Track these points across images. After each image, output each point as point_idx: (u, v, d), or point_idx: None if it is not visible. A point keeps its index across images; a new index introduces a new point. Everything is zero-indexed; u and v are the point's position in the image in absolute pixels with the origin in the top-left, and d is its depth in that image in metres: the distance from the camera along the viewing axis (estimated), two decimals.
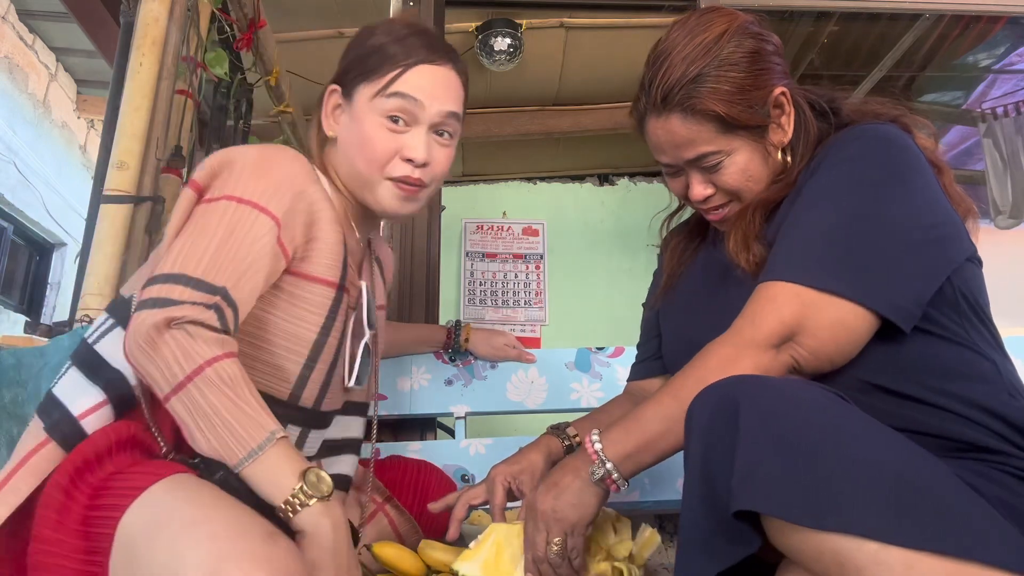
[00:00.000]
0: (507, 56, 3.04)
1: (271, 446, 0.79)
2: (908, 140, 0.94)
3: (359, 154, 1.04)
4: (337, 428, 1.11)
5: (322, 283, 0.98)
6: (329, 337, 0.99)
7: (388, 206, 1.06)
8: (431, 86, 1.04)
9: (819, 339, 0.85)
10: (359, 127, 1.03)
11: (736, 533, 0.69)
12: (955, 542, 0.61)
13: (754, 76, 0.97)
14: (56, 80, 5.24)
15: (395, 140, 1.03)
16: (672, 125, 0.98)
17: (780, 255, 0.91)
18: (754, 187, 1.01)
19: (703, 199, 1.02)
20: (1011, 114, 3.51)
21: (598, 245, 4.25)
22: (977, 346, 0.88)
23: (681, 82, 0.96)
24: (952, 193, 0.96)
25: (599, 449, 0.89)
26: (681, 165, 1.02)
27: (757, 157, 1.00)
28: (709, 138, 0.98)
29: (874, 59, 3.26)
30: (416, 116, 1.03)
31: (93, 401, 0.88)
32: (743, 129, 0.98)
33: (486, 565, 0.96)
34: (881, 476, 0.65)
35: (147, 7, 1.58)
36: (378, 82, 1.03)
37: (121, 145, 1.49)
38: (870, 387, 0.86)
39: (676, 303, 1.16)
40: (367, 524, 1.20)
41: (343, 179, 1.08)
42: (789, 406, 0.70)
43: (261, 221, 0.91)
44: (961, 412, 0.83)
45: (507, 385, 1.62)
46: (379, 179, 1.04)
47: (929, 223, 0.89)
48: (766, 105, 0.98)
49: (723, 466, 0.70)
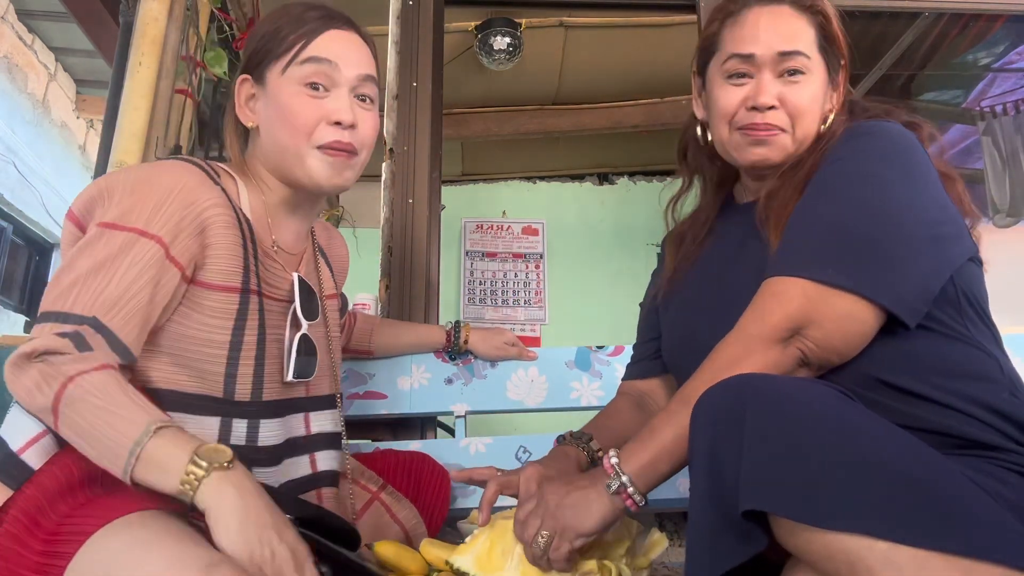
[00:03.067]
0: (506, 55, 3.04)
1: (150, 439, 0.76)
2: (914, 140, 0.95)
3: (282, 128, 1.01)
4: (303, 424, 1.11)
5: (221, 290, 0.97)
6: (244, 336, 0.99)
7: (320, 177, 1.03)
8: (342, 49, 1.03)
9: (825, 331, 0.85)
10: (277, 103, 1.01)
11: (744, 532, 0.69)
12: (966, 541, 0.61)
13: (845, 23, 1.05)
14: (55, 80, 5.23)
15: (318, 106, 1.01)
16: (782, 13, 1.02)
17: (785, 249, 0.91)
18: (810, 122, 1.02)
19: (767, 106, 1.00)
20: (1010, 113, 3.50)
21: (598, 244, 4.25)
22: (981, 344, 0.89)
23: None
24: (963, 204, 0.96)
25: (616, 463, 0.88)
26: (765, 61, 1.01)
27: (823, 95, 1.03)
28: (809, 42, 1.01)
29: (874, 57, 3.26)
30: (334, 79, 1.02)
31: (31, 434, 0.88)
32: (830, 55, 1.03)
33: (479, 558, 0.97)
34: (890, 475, 0.65)
35: (146, 7, 1.58)
36: (287, 55, 1.02)
37: (121, 144, 1.49)
38: (876, 383, 0.86)
39: (677, 300, 1.15)
40: (362, 515, 1.20)
41: (272, 167, 1.06)
42: (796, 405, 0.70)
43: (140, 245, 0.90)
44: (964, 409, 0.83)
45: (507, 384, 1.62)
46: (307, 149, 1.01)
47: (934, 220, 0.89)
48: (845, 58, 1.05)
49: (730, 465, 0.69)
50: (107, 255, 0.88)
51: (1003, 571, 0.61)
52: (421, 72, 2.08)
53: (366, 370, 1.59)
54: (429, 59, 2.08)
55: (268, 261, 1.06)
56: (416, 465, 1.33)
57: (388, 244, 1.93)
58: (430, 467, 1.34)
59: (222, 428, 0.98)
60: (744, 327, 0.89)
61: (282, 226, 1.11)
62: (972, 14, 2.98)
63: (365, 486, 1.23)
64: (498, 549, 0.96)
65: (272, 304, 1.06)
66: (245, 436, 1.00)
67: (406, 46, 2.09)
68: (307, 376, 1.10)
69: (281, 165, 1.05)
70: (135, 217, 0.91)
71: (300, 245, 1.15)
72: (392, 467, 1.31)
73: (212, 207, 0.97)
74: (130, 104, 1.51)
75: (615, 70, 3.32)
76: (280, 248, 1.09)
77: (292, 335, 1.07)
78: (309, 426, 1.13)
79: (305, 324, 1.08)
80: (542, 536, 0.88)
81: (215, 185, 1.00)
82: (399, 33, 2.09)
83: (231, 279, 0.98)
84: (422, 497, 1.30)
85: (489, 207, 4.29)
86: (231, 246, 0.98)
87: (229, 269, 0.98)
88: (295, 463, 1.09)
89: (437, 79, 2.11)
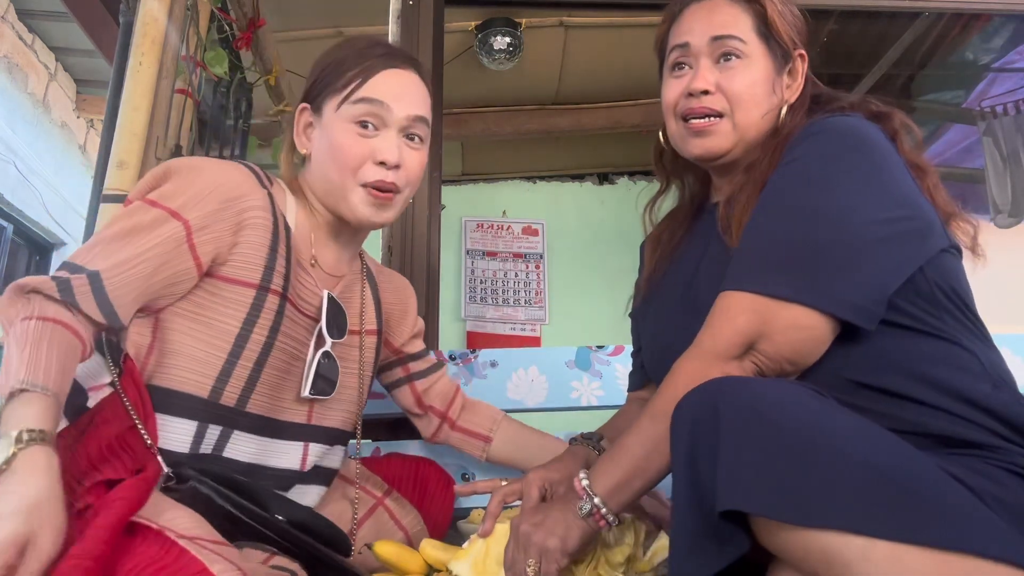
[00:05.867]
0: (506, 55, 3.04)
1: (8, 398, 0.77)
2: (870, 132, 0.93)
3: (331, 162, 1.06)
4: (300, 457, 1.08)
5: (238, 284, 0.99)
6: (253, 333, 0.99)
7: (362, 214, 1.07)
8: (396, 89, 1.07)
9: (775, 343, 0.86)
10: (329, 137, 1.06)
11: (726, 535, 0.69)
12: (939, 533, 0.62)
13: (795, 14, 1.07)
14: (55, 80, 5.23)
15: (366, 144, 1.05)
16: (718, 3, 1.04)
17: (735, 263, 0.92)
18: (751, 109, 1.02)
19: (702, 90, 1.02)
20: (1011, 113, 3.50)
21: (598, 244, 4.24)
22: (956, 338, 0.88)
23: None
24: (936, 196, 0.95)
25: (587, 485, 0.89)
26: (700, 48, 1.03)
27: (767, 83, 1.03)
28: (744, 28, 1.03)
29: (874, 57, 3.25)
30: (384, 119, 1.06)
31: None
32: (773, 43, 1.03)
33: (475, 564, 0.98)
34: (863, 470, 0.65)
35: (147, 6, 1.58)
36: (343, 91, 1.05)
37: (121, 144, 1.49)
38: (855, 385, 0.86)
39: (654, 304, 1.16)
40: (366, 520, 1.20)
41: (319, 196, 1.10)
42: (768, 405, 0.70)
43: (167, 224, 0.94)
44: (945, 407, 0.82)
45: (507, 384, 1.62)
46: (352, 185, 1.06)
47: (886, 218, 0.88)
48: (795, 47, 1.05)
49: (708, 469, 0.70)
50: (134, 225, 0.93)
51: (977, 561, 0.61)
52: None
53: None
54: (429, 59, 2.08)
55: (302, 273, 1.07)
56: (423, 472, 1.32)
57: (388, 244, 1.93)
58: (436, 474, 1.33)
59: (196, 433, 0.96)
60: (700, 343, 0.90)
61: (324, 246, 1.13)
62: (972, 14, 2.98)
63: (370, 491, 1.23)
64: (493, 555, 0.97)
65: (296, 315, 1.05)
66: (214, 444, 0.98)
67: (406, 46, 2.09)
68: (324, 394, 1.09)
69: (327, 196, 1.09)
70: (174, 199, 0.96)
71: (341, 269, 1.16)
72: (398, 473, 1.30)
73: (253, 208, 1.00)
74: (130, 104, 1.51)
75: (615, 70, 3.32)
76: (318, 265, 1.11)
77: (315, 352, 1.07)
78: (306, 460, 1.09)
79: (329, 342, 1.08)
80: (529, 565, 0.89)
81: (262, 188, 1.03)
82: (399, 33, 2.09)
83: (250, 275, 1.00)
84: (427, 504, 1.30)
85: (489, 207, 4.29)
86: (258, 246, 1.00)
87: (250, 265, 1.00)
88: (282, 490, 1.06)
89: (437, 79, 2.11)
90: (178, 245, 0.94)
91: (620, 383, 1.59)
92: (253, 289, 1.00)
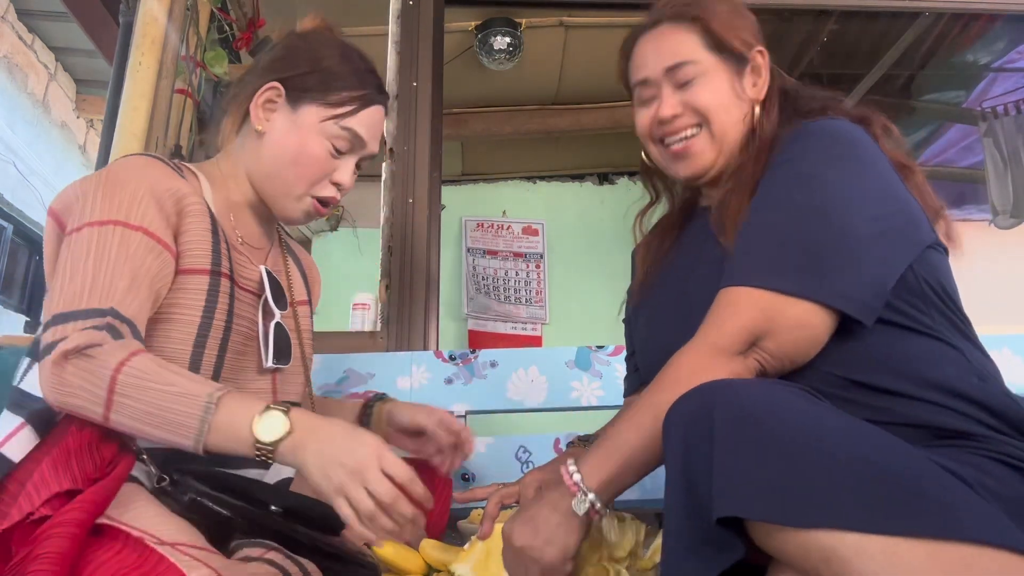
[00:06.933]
0: (506, 55, 3.04)
1: (214, 414, 0.82)
2: (857, 134, 0.95)
3: (293, 165, 1.08)
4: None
5: (192, 272, 1.00)
6: (214, 319, 1.01)
7: (295, 218, 1.14)
8: (374, 129, 1.14)
9: (779, 341, 0.86)
10: (301, 141, 1.08)
11: (722, 540, 0.69)
12: (931, 523, 0.62)
13: (742, 15, 1.07)
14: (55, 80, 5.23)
15: (331, 164, 1.10)
16: (662, 32, 1.06)
17: (737, 259, 0.92)
18: (724, 117, 1.03)
19: (671, 117, 1.04)
20: (1011, 113, 3.50)
21: (598, 244, 4.24)
22: (942, 335, 0.88)
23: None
24: (923, 194, 0.97)
25: (579, 480, 0.86)
26: (659, 80, 1.05)
27: (731, 90, 1.04)
28: (693, 48, 1.04)
29: (874, 57, 3.25)
30: (354, 150, 1.12)
31: (10, 427, 0.88)
32: (726, 52, 1.04)
33: (476, 566, 0.98)
34: (855, 467, 0.65)
35: (146, 6, 1.58)
36: (333, 109, 1.08)
37: (121, 144, 1.49)
38: (847, 382, 0.87)
39: (646, 309, 1.16)
40: None
41: (255, 177, 1.12)
42: (760, 408, 0.70)
43: (127, 235, 0.94)
44: (936, 400, 0.83)
45: (507, 384, 1.62)
46: (302, 194, 1.10)
47: (879, 215, 0.89)
48: (750, 47, 1.05)
49: (702, 474, 0.69)
50: (101, 252, 0.92)
51: (970, 548, 0.62)
52: (421, 72, 2.08)
53: (366, 370, 1.59)
54: (429, 59, 2.09)
55: (236, 253, 1.09)
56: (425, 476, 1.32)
57: (388, 244, 1.93)
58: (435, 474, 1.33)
59: None
60: (703, 337, 0.89)
61: (244, 222, 1.14)
62: (972, 14, 2.98)
63: None
64: (495, 557, 0.96)
65: (243, 294, 1.07)
66: None
67: (406, 46, 2.09)
68: (284, 363, 1.11)
69: (266, 183, 1.11)
70: (115, 212, 0.95)
71: (264, 241, 1.18)
72: None
73: (186, 196, 1.01)
74: (130, 104, 1.51)
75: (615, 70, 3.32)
76: (245, 242, 1.13)
77: (267, 323, 1.08)
78: None
79: (278, 313, 1.10)
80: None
81: (180, 177, 1.03)
82: (399, 33, 2.09)
83: (201, 262, 1.01)
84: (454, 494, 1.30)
85: (489, 207, 4.28)
86: (202, 231, 1.02)
87: (199, 252, 1.01)
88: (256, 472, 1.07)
89: (437, 79, 2.11)
90: (153, 249, 0.95)
91: (620, 383, 1.58)
92: (206, 275, 1.01)
